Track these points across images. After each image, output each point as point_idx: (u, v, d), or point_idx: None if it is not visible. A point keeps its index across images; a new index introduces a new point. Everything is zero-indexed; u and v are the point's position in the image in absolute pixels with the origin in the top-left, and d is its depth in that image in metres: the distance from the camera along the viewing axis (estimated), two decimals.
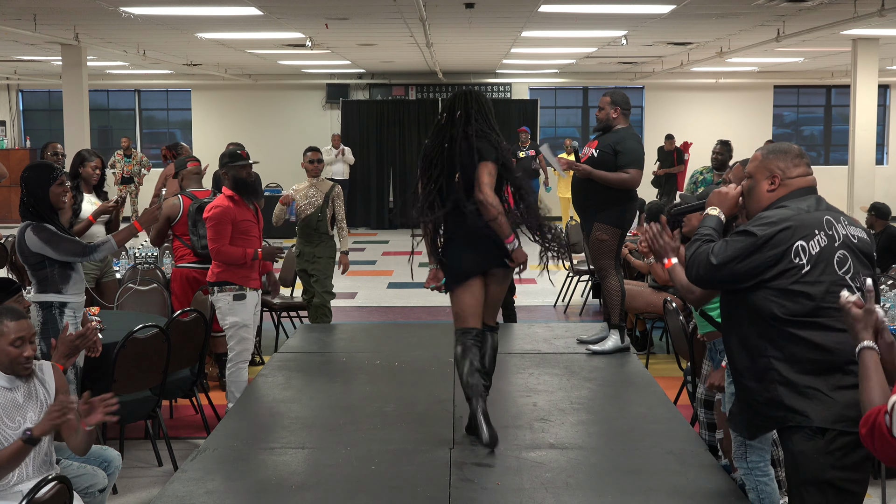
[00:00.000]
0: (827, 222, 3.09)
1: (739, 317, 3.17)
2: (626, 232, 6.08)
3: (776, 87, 19.15)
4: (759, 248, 3.04)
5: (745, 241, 3.07)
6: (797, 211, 3.10)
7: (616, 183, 5.79)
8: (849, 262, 3.07)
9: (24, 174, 4.96)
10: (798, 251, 3.03)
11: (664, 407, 4.99)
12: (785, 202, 3.14)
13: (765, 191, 3.21)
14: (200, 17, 10.00)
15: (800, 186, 3.18)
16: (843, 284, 3.01)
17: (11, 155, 18.89)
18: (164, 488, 3.97)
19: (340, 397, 5.27)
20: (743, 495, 3.84)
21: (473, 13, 9.56)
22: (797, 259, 3.02)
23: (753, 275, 3.06)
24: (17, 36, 10.90)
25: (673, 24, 10.62)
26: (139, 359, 5.06)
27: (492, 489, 3.86)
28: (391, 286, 11.43)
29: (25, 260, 4.93)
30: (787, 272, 3.02)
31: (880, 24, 9.67)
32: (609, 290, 6.03)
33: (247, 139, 18.40)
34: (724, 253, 3.09)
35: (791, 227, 3.04)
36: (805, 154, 3.27)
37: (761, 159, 3.24)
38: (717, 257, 3.11)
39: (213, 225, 5.71)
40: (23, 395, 3.68)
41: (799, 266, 3.02)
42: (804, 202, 3.14)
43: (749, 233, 3.08)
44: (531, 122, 18.02)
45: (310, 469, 4.20)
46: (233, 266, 5.73)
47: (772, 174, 3.19)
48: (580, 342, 6.21)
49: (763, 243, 3.04)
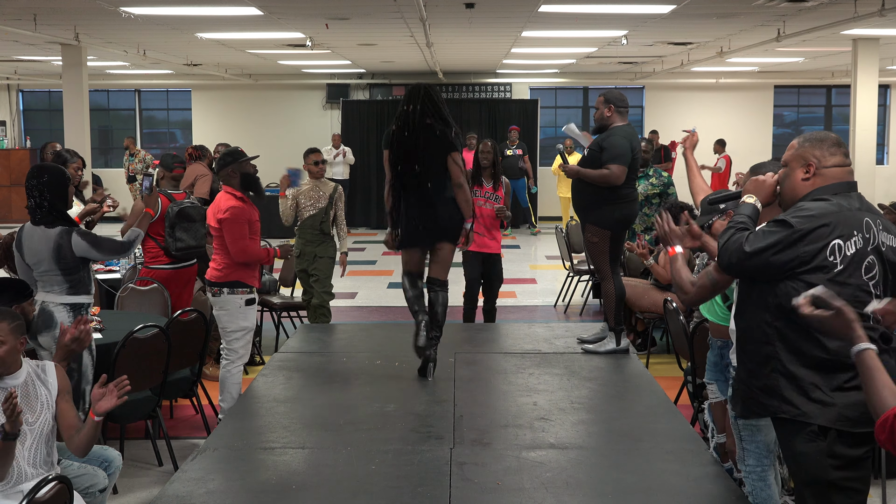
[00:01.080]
0: (866, 224, 3.02)
1: (758, 299, 3.10)
2: (621, 233, 5.97)
3: (776, 87, 19.14)
4: (795, 241, 2.97)
5: (781, 233, 2.99)
6: (840, 208, 3.02)
7: (598, 179, 5.71)
8: (875, 269, 3.02)
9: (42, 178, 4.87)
10: (834, 249, 2.97)
11: (664, 407, 4.99)
12: (827, 195, 3.06)
13: (799, 179, 3.14)
14: (200, 17, 10.00)
15: (836, 176, 3.10)
16: (866, 290, 2.97)
17: (12, 155, 18.90)
18: (164, 488, 3.97)
19: (340, 397, 5.26)
20: (743, 495, 3.84)
21: (473, 13, 9.56)
22: (832, 257, 2.97)
23: (786, 268, 2.99)
24: (18, 36, 10.90)
25: (673, 24, 10.62)
26: (139, 359, 5.06)
27: (492, 489, 3.86)
28: (391, 286, 11.43)
29: (64, 264, 4.83)
30: (819, 269, 2.96)
31: (880, 24, 9.67)
32: (606, 294, 6.01)
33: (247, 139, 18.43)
34: (759, 242, 3.01)
35: (830, 224, 2.98)
36: (843, 143, 3.19)
37: (797, 147, 3.17)
38: (750, 245, 3.03)
39: (232, 225, 5.60)
40: (20, 395, 3.67)
41: (832, 265, 2.96)
42: (848, 199, 3.06)
43: (786, 224, 3.00)
44: (531, 122, 18.02)
45: (310, 469, 4.20)
46: (242, 266, 5.65)
47: (807, 162, 3.13)
48: (580, 341, 6.21)
49: (800, 237, 2.97)
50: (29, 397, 3.72)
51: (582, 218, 6.02)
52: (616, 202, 5.79)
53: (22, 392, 3.70)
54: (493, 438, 4.47)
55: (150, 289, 6.66)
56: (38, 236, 4.87)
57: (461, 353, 6.06)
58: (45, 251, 4.83)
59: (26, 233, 4.96)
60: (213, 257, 5.79)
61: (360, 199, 18.09)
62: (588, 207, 5.88)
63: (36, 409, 3.71)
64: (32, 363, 3.86)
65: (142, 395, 5.25)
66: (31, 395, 3.74)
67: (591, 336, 6.21)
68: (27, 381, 3.76)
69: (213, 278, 5.68)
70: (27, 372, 3.78)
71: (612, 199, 5.78)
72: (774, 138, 19.19)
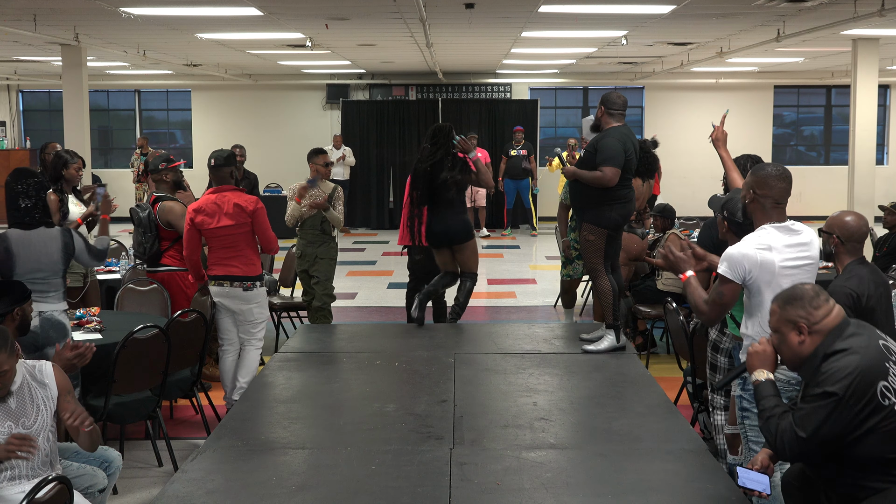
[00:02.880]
0: (884, 349, 3.04)
1: (835, 465, 3.06)
2: (616, 232, 6.06)
3: (776, 87, 19.13)
4: (844, 404, 2.95)
5: (828, 404, 2.96)
6: (861, 351, 3.01)
7: (591, 181, 5.79)
8: None
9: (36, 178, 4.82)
10: (883, 392, 2.96)
11: (664, 407, 4.99)
12: (841, 345, 3.04)
13: (796, 343, 3.12)
14: (200, 17, 10.00)
15: (833, 325, 3.09)
16: None
17: (12, 155, 18.89)
18: (164, 488, 3.97)
19: (340, 397, 5.26)
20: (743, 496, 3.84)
21: (473, 13, 9.55)
22: (886, 401, 2.96)
23: (849, 430, 2.97)
24: (17, 36, 10.90)
25: (673, 25, 10.62)
26: (139, 359, 5.06)
27: (492, 489, 3.86)
28: (391, 286, 11.43)
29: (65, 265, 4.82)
30: (877, 413, 2.95)
31: (880, 24, 9.67)
32: (602, 291, 6.04)
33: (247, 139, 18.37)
34: (810, 423, 2.97)
35: (866, 371, 2.96)
36: (820, 291, 3.17)
37: (779, 313, 3.15)
38: (804, 429, 2.98)
39: (265, 216, 6.03)
40: (15, 400, 3.65)
41: (889, 405, 2.95)
42: (859, 338, 3.05)
43: (828, 393, 2.97)
44: (531, 122, 18.02)
45: (310, 469, 4.20)
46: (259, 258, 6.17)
47: (796, 325, 3.11)
48: (581, 339, 6.22)
49: (847, 398, 2.95)
50: (24, 400, 3.69)
51: (579, 217, 6.10)
52: (613, 202, 5.89)
53: (17, 396, 3.67)
54: (493, 438, 4.47)
55: (149, 289, 6.66)
56: (39, 240, 4.74)
57: (461, 353, 6.06)
58: (54, 252, 4.76)
59: (19, 240, 4.73)
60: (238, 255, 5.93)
61: (360, 200, 18.09)
62: (585, 207, 5.96)
63: (32, 413, 3.68)
64: (28, 364, 3.81)
65: (142, 396, 5.26)
66: (27, 398, 3.70)
67: (592, 335, 6.22)
68: (22, 386, 3.71)
69: (247, 273, 5.95)
70: (22, 375, 3.74)
71: (608, 199, 5.87)
72: (774, 138, 19.17)
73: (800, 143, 20.01)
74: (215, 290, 6.07)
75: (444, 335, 6.71)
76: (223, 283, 6.03)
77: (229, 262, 5.96)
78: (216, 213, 5.95)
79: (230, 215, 5.90)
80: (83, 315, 5.74)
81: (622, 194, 5.89)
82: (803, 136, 20.16)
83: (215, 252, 6.03)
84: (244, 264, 5.92)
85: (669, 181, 17.75)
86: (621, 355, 5.96)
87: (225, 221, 5.90)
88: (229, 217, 5.90)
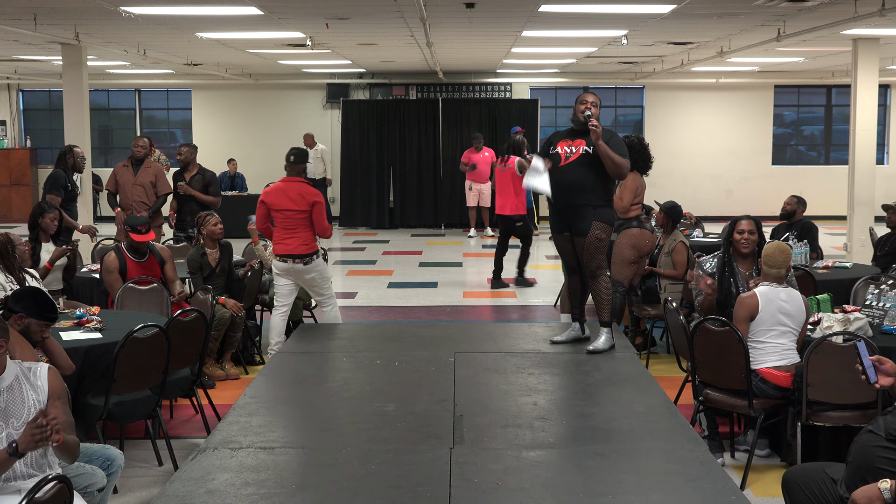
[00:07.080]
0: None
1: None
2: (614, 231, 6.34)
3: (776, 87, 19.12)
4: None
5: None
6: None
7: (620, 163, 5.88)
8: None
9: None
10: None
11: (664, 407, 4.99)
12: None
13: None
14: (201, 16, 10.00)
15: None
16: None
17: (11, 155, 18.89)
18: (164, 488, 3.97)
19: (340, 397, 5.27)
20: (743, 496, 3.84)
21: (474, 13, 9.55)
22: None
23: None
24: (18, 35, 10.89)
25: (673, 24, 10.62)
26: (139, 358, 5.06)
27: (492, 489, 3.86)
28: (391, 286, 11.42)
29: None
30: None
31: (880, 24, 9.66)
32: (605, 288, 6.12)
33: (247, 139, 18.43)
34: None
35: None
36: None
37: None
38: None
39: (324, 208, 7.02)
40: (5, 399, 3.63)
41: None
42: None
43: None
44: (531, 121, 18.01)
45: (310, 469, 4.20)
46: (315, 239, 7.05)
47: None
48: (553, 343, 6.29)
49: None
50: (14, 400, 3.66)
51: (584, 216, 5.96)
52: (611, 201, 6.10)
53: (7, 395, 3.65)
54: (492, 438, 4.47)
55: (149, 288, 6.66)
56: None
57: (461, 353, 6.06)
58: None
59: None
60: (293, 236, 6.93)
61: (360, 199, 18.08)
62: (597, 205, 5.95)
63: (22, 414, 3.66)
64: (24, 365, 3.77)
65: (142, 395, 5.26)
66: (17, 398, 3.66)
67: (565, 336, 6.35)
68: (13, 385, 3.68)
69: (304, 251, 6.94)
70: (14, 374, 3.70)
71: (611, 198, 6.11)
72: (775, 138, 19.17)
73: (800, 142, 20.00)
74: (279, 265, 7.03)
75: (444, 335, 6.71)
76: (286, 259, 6.99)
77: (288, 241, 6.94)
78: (283, 196, 6.97)
79: (294, 201, 6.92)
80: (83, 314, 5.73)
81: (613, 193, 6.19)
82: (803, 136, 20.15)
83: (278, 231, 7.04)
84: (301, 243, 6.92)
85: (669, 181, 17.75)
86: (622, 355, 5.96)
87: (288, 205, 6.92)
88: (293, 202, 6.92)
